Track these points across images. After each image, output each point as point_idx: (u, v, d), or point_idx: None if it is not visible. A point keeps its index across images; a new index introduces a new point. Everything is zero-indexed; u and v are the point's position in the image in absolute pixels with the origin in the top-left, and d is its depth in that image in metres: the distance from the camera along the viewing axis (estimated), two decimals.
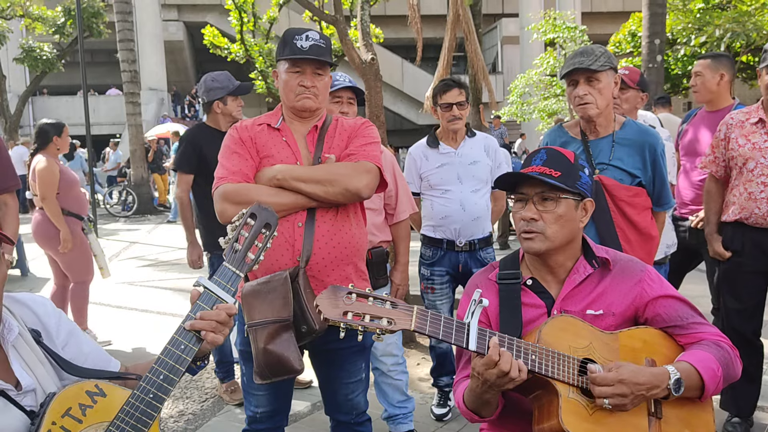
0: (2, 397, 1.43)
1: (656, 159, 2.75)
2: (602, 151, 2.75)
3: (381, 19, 22.92)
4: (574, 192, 1.86)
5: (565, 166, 1.86)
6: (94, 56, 29.59)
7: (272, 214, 1.71)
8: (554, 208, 1.85)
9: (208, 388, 4.37)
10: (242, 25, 13.82)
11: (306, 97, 2.36)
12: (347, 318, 1.59)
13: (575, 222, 1.88)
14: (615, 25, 17.63)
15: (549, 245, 1.86)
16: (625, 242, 2.70)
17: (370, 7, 5.92)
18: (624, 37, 14.96)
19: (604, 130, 2.77)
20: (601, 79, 2.67)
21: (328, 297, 1.62)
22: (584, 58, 2.65)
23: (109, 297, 7.10)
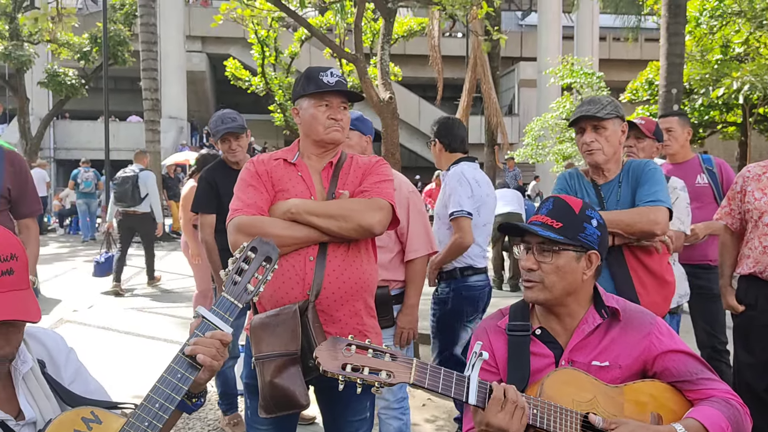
0: (1, 428, 1.43)
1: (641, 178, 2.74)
2: (612, 193, 2.78)
3: (400, 57, 23.24)
4: (575, 244, 1.84)
5: (568, 217, 1.85)
6: (117, 83, 30.12)
7: (273, 248, 1.73)
8: (553, 260, 1.83)
9: (211, 419, 4.33)
10: (264, 58, 14.06)
11: (335, 129, 2.39)
12: (346, 371, 1.59)
13: (576, 274, 1.86)
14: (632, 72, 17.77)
15: (547, 296, 1.85)
16: (640, 286, 2.67)
17: (390, 46, 6.02)
18: (641, 84, 15.05)
19: (613, 174, 2.81)
20: (608, 127, 2.72)
21: (327, 349, 1.62)
22: (591, 107, 2.72)
23: (117, 322, 7.11)
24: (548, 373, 1.75)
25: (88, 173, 15.42)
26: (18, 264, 1.40)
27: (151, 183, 8.90)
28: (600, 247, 1.90)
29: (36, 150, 19.00)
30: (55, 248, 14.11)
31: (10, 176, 3.38)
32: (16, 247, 1.41)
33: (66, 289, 9.03)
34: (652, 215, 2.62)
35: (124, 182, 8.70)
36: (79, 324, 7.05)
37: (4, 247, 1.38)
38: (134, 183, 8.66)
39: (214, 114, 4.05)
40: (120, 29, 18.95)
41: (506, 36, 9.16)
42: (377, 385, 1.60)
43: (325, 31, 13.94)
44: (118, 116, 27.72)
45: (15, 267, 1.39)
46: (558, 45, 26.37)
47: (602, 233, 1.91)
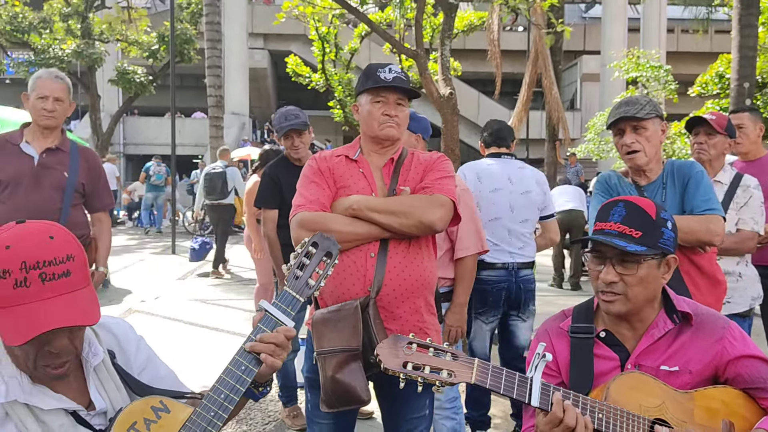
0: (72, 417, 1.49)
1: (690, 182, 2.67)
2: (656, 194, 2.71)
3: (459, 52, 23.02)
4: (656, 252, 1.76)
5: (646, 223, 1.76)
6: (183, 80, 30.92)
7: (334, 243, 1.75)
8: (636, 272, 1.74)
9: (271, 411, 4.41)
10: (324, 55, 14.19)
11: (389, 125, 2.40)
12: (407, 369, 1.59)
13: (658, 281, 1.79)
14: (701, 66, 17.13)
15: (630, 307, 1.77)
16: (693, 287, 2.60)
17: (451, 41, 5.98)
18: (711, 78, 14.47)
19: (654, 174, 2.74)
20: (648, 127, 2.65)
21: (388, 346, 1.62)
22: (630, 107, 2.65)
23: (182, 313, 7.32)
24: (614, 377, 1.70)
25: (161, 167, 16.02)
26: (75, 264, 1.42)
27: (238, 178, 9.85)
28: (675, 249, 1.84)
29: (106, 145, 19.73)
30: (125, 240, 14.64)
31: (84, 172, 3.52)
32: (73, 245, 1.43)
33: (134, 279, 9.37)
34: (712, 225, 2.56)
35: (214, 177, 9.67)
36: (147, 314, 7.29)
37: (61, 249, 1.40)
38: (223, 178, 9.62)
39: (278, 111, 4.12)
40: (186, 28, 19.46)
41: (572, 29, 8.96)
42: (438, 384, 1.59)
43: (384, 26, 13.96)
44: (183, 113, 28.47)
45: (72, 268, 1.41)
46: (623, 37, 25.65)
47: (676, 234, 1.84)
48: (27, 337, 1.32)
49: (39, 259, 1.36)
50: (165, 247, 13.17)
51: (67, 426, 1.47)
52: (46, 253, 1.38)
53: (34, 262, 1.36)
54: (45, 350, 1.39)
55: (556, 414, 1.57)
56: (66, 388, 1.50)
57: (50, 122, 3.41)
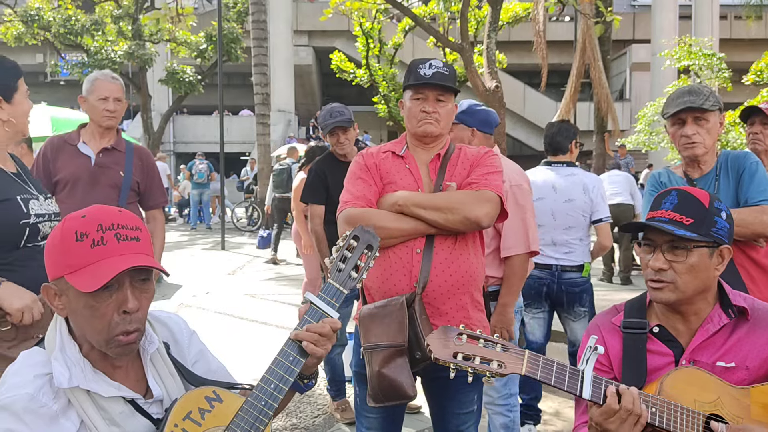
0: (131, 405, 1.54)
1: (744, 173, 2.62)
2: (709, 187, 2.65)
3: (504, 44, 22.80)
4: (708, 240, 1.73)
5: (698, 211, 1.73)
6: (230, 79, 31.43)
7: (374, 236, 1.78)
8: (686, 259, 1.72)
9: (321, 404, 4.48)
10: (368, 50, 14.24)
11: (427, 122, 2.40)
12: (457, 359, 1.59)
13: (709, 271, 1.76)
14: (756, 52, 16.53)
15: (679, 296, 1.75)
16: (749, 281, 2.55)
17: (497, 33, 5.92)
18: (766, 65, 14.00)
19: (708, 167, 2.69)
20: (710, 119, 2.60)
21: (438, 337, 1.63)
22: (694, 97, 2.58)
23: (232, 308, 7.47)
24: (669, 372, 1.68)
25: (202, 165, 16.31)
26: (143, 234, 1.53)
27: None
28: (730, 241, 1.80)
29: (157, 144, 20.19)
30: (176, 237, 14.99)
31: (138, 170, 3.62)
32: (140, 222, 1.54)
33: (185, 275, 9.59)
34: (765, 216, 2.50)
35: (281, 173, 10.71)
36: (198, 308, 7.47)
37: (131, 220, 1.52)
38: (288, 173, 10.53)
39: (323, 108, 4.16)
40: (233, 27, 19.74)
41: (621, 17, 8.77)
42: (488, 375, 1.59)
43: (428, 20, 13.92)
44: (231, 111, 28.93)
45: (140, 236, 1.52)
46: (674, 25, 24.96)
47: (731, 225, 1.81)
48: (109, 276, 1.40)
49: (113, 221, 1.48)
50: (215, 243, 13.43)
51: (127, 413, 1.53)
52: (120, 218, 1.50)
53: (109, 224, 1.47)
54: (120, 313, 1.46)
55: (611, 406, 1.56)
56: (124, 378, 1.56)
57: (113, 122, 3.53)
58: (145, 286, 1.51)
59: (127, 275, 1.46)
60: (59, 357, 1.46)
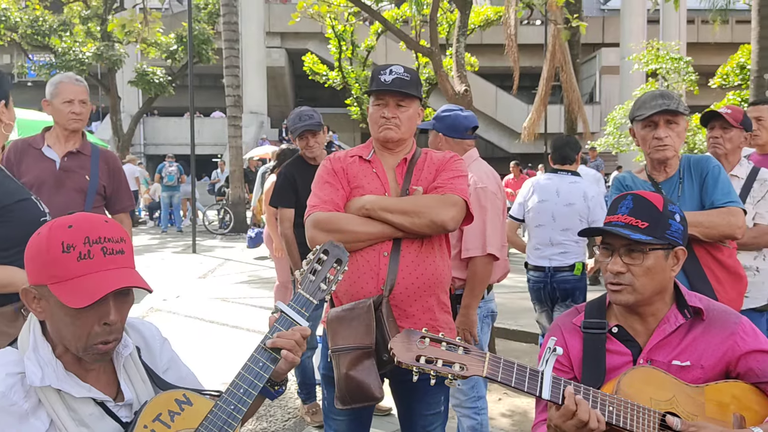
0: (101, 407, 1.54)
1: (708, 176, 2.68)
2: (674, 190, 2.71)
3: (476, 47, 22.97)
4: (663, 243, 1.78)
5: (653, 215, 1.78)
6: (201, 80, 31.18)
7: (343, 251, 1.83)
8: (642, 261, 1.77)
9: (291, 408, 4.47)
10: (341, 52, 14.25)
11: (387, 128, 2.43)
12: (420, 362, 1.62)
13: (665, 272, 1.81)
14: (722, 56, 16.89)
15: (638, 297, 1.79)
16: (715, 282, 2.61)
17: (466, 38, 5.98)
18: (732, 69, 14.29)
19: (673, 170, 2.75)
20: (680, 123, 2.67)
21: (402, 340, 1.65)
22: (668, 101, 2.63)
23: (203, 312, 7.42)
24: (626, 371, 1.72)
25: (172, 167, 16.15)
26: (127, 246, 1.54)
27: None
28: (684, 242, 1.86)
29: (127, 146, 19.99)
30: (146, 240, 14.83)
31: (104, 174, 3.59)
32: (124, 233, 1.55)
33: (156, 279, 9.49)
34: (732, 218, 2.56)
35: (265, 174, 10.69)
36: (168, 312, 7.40)
37: (116, 230, 1.52)
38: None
39: (293, 111, 4.17)
40: (204, 28, 19.65)
41: (586, 23, 8.90)
42: (450, 377, 1.62)
43: (400, 24, 13.97)
44: (202, 112, 28.71)
45: (125, 248, 1.52)
46: (642, 29, 25.39)
47: (685, 227, 1.86)
48: (96, 296, 1.41)
49: (100, 235, 1.47)
50: (186, 246, 13.32)
51: (96, 415, 1.53)
52: (106, 231, 1.49)
53: (96, 237, 1.47)
54: (101, 324, 1.46)
55: (569, 407, 1.59)
56: (95, 380, 1.56)
57: (79, 125, 3.50)
58: (126, 298, 1.52)
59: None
60: (32, 357, 1.47)
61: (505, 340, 6.13)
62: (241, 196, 16.34)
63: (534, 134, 17.75)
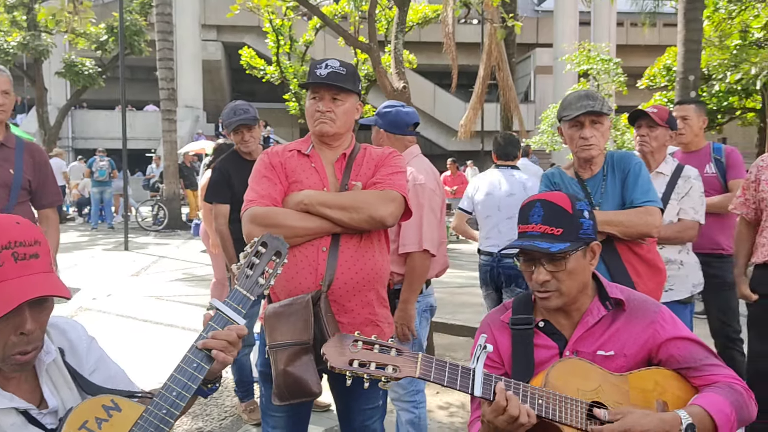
0: (23, 416, 1.48)
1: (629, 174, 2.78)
2: (598, 187, 2.81)
3: (415, 45, 23.12)
4: (580, 245, 1.82)
5: (564, 219, 1.82)
6: (133, 73, 30.30)
7: (282, 243, 1.77)
8: (565, 267, 1.81)
9: (228, 406, 4.40)
10: (279, 47, 14.09)
11: (322, 122, 2.42)
12: (353, 366, 1.62)
13: (586, 269, 1.87)
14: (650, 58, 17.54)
15: (565, 299, 1.84)
16: (635, 275, 2.70)
17: (404, 35, 6.01)
18: (659, 71, 14.88)
19: (598, 167, 2.84)
20: (604, 123, 2.76)
21: (334, 345, 1.65)
22: (593, 102, 2.72)
23: (135, 310, 7.21)
24: (553, 364, 1.76)
25: (103, 162, 15.62)
26: (42, 249, 1.46)
27: None
28: (596, 234, 1.91)
29: (54, 140, 19.20)
30: (75, 237, 14.31)
31: (30, 168, 3.44)
32: (37, 232, 1.47)
33: (85, 277, 9.17)
34: (649, 218, 2.66)
35: None
36: (98, 312, 7.16)
37: (29, 233, 1.44)
38: None
39: (227, 105, 4.10)
40: (136, 19, 19.06)
41: (521, 22, 9.09)
42: (384, 380, 1.62)
43: (339, 19, 13.93)
44: (135, 106, 27.91)
45: (40, 252, 1.45)
46: (575, 31, 26.11)
47: (594, 220, 1.91)
48: (7, 308, 1.34)
49: (10, 239, 1.40)
50: (117, 243, 12.92)
51: (18, 425, 1.47)
52: (16, 234, 1.41)
53: (5, 242, 1.39)
54: (17, 334, 1.40)
55: (500, 403, 1.62)
56: (16, 388, 1.49)
57: (2, 116, 3.34)
58: (43, 305, 1.45)
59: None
60: None
61: (443, 334, 6.21)
62: (176, 192, 15.95)
63: (471, 132, 18.03)
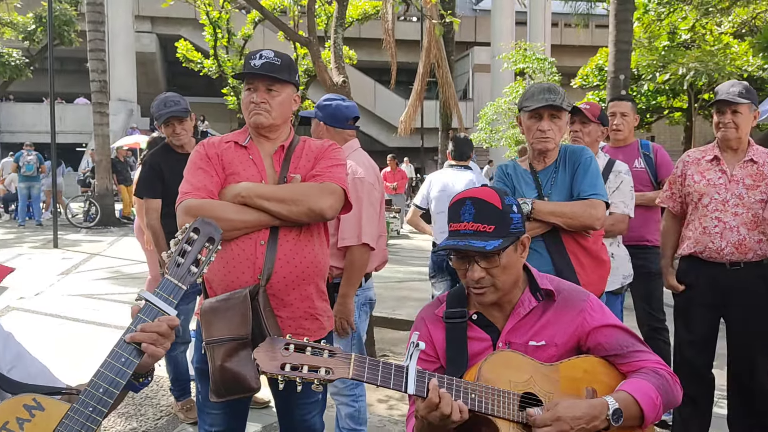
0: None
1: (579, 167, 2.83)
2: (549, 178, 2.86)
3: (355, 41, 23.10)
4: (511, 240, 1.84)
5: (496, 216, 1.82)
6: (63, 64, 29.22)
7: (216, 229, 1.71)
8: (498, 263, 1.83)
9: (164, 405, 4.29)
10: (216, 40, 13.84)
11: (256, 113, 2.38)
12: (285, 370, 1.59)
13: (518, 263, 1.90)
14: (583, 58, 18.05)
15: (500, 294, 1.87)
16: (578, 266, 2.76)
17: (344, 30, 5.98)
18: (591, 70, 15.35)
19: (551, 160, 2.89)
20: (562, 117, 2.81)
21: (265, 350, 1.62)
22: (554, 96, 2.75)
23: (65, 309, 6.96)
24: (486, 357, 1.78)
25: (31, 156, 14.99)
26: None
27: None
28: (524, 227, 1.93)
29: None
30: (1, 234, 13.69)
31: None
32: None
33: (12, 276, 8.77)
34: (593, 210, 2.71)
35: None
36: (26, 311, 6.88)
37: None
38: None
39: (157, 97, 3.99)
40: (66, 8, 18.39)
41: (459, 20, 9.19)
42: (317, 383, 1.61)
43: (278, 13, 13.77)
44: (64, 98, 26.90)
45: None
46: (511, 30, 26.58)
47: (522, 213, 1.93)
48: None
49: None
50: (46, 240, 12.43)
51: None
52: None
53: None
54: None
55: (432, 400, 1.64)
56: None
57: None
58: None
59: None
60: None
61: (384, 328, 6.22)
62: (109, 188, 15.45)
63: (411, 128, 18.14)
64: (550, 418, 1.66)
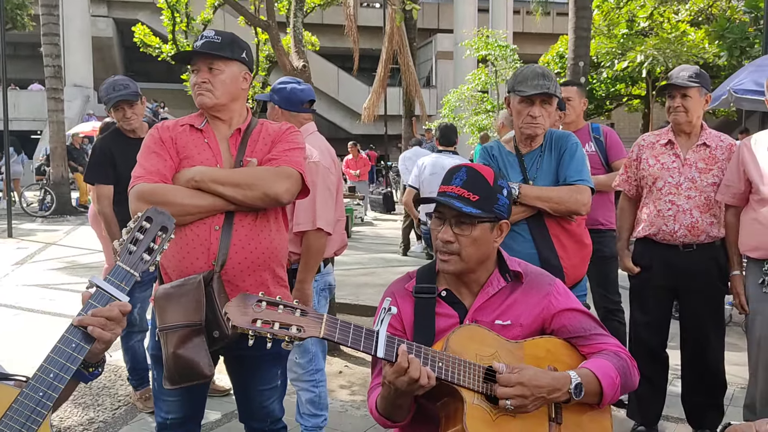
0: None
1: (565, 153, 2.87)
2: (534, 162, 2.89)
3: (317, 27, 22.90)
4: (490, 217, 1.88)
5: (484, 189, 1.87)
6: (16, 49, 28.37)
7: (169, 218, 1.69)
8: (470, 232, 1.86)
9: (122, 395, 4.22)
10: (174, 24, 13.57)
11: (200, 93, 2.33)
12: (256, 326, 1.58)
13: (490, 243, 1.92)
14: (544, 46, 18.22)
15: (463, 266, 1.89)
16: (560, 249, 2.80)
17: (305, 15, 5.92)
18: (552, 58, 15.50)
19: (538, 143, 2.92)
20: (553, 104, 2.85)
21: (237, 304, 1.61)
22: (548, 82, 2.78)
23: (20, 300, 6.79)
24: (454, 330, 1.80)
25: None
26: None
27: None
28: (508, 216, 1.96)
29: None
30: None
31: None
32: None
33: None
34: (579, 196, 2.76)
35: None
36: None
37: None
38: None
39: (105, 81, 3.89)
40: None
41: (420, 7, 9.18)
42: (287, 340, 1.60)
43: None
44: (18, 84, 26.12)
45: None
46: (474, 17, 26.65)
47: (510, 202, 1.98)
48: None
49: None
50: (0, 230, 12.10)
51: None
52: None
53: None
54: None
55: (401, 364, 1.65)
56: None
57: None
58: None
59: None
60: None
61: (346, 314, 6.21)
62: (64, 176, 15.06)
63: (374, 115, 18.10)
64: (515, 381, 1.70)
